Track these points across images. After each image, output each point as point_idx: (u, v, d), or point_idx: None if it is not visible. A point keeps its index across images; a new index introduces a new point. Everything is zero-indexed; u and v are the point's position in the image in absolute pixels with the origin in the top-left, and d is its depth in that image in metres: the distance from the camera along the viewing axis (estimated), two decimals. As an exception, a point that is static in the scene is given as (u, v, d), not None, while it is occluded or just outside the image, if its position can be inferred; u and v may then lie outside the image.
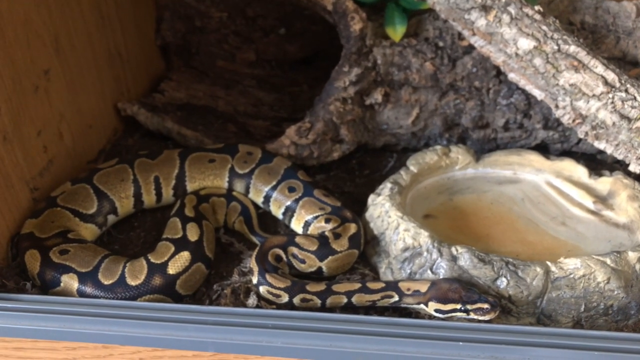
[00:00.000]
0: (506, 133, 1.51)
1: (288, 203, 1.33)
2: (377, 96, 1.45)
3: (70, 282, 1.13)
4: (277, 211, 1.35)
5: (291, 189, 1.34)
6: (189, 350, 1.00)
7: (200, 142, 1.57)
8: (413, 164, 1.37)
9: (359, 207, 1.34)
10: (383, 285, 1.10)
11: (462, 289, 1.03)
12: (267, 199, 1.36)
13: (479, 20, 1.23)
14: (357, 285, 1.10)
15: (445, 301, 1.03)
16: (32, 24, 1.30)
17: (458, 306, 1.02)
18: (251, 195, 1.39)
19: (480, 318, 1.02)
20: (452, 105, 1.47)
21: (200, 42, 1.83)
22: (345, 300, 1.10)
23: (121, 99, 1.68)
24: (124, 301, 1.11)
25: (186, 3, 1.80)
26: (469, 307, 1.02)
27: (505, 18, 1.22)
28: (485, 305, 1.01)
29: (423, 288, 1.06)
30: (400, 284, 1.09)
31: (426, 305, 1.06)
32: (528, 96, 1.44)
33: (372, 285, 1.10)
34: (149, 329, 1.00)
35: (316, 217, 1.28)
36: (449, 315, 1.04)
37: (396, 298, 1.08)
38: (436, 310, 1.05)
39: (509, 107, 1.46)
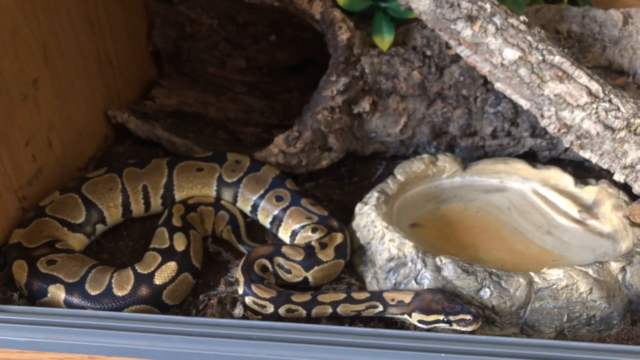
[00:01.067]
0: (494, 141, 1.52)
1: (275, 212, 1.33)
2: (365, 105, 1.45)
3: (57, 292, 1.14)
4: (265, 220, 1.36)
5: (279, 198, 1.35)
6: (174, 361, 1.01)
7: (190, 149, 1.57)
8: (400, 173, 1.38)
9: (348, 215, 1.35)
10: (368, 295, 1.10)
11: (445, 300, 1.04)
12: (255, 207, 1.37)
13: (465, 30, 1.24)
14: (342, 296, 1.11)
15: (428, 312, 1.04)
16: (20, 33, 1.30)
17: (441, 317, 1.03)
18: (239, 204, 1.39)
19: (463, 329, 1.02)
20: (440, 114, 1.48)
21: (191, 48, 1.84)
22: (330, 310, 1.11)
23: (112, 106, 1.69)
24: (110, 312, 1.11)
25: (177, 10, 1.81)
26: (451, 318, 1.02)
27: (491, 28, 1.23)
28: (468, 317, 1.02)
29: (407, 299, 1.07)
30: (385, 294, 1.10)
31: (410, 315, 1.06)
32: (515, 104, 1.45)
33: (357, 295, 1.11)
34: (135, 340, 1.00)
35: (303, 227, 1.28)
36: (432, 326, 1.05)
37: (381, 308, 1.09)
38: (419, 321, 1.05)
39: (497, 115, 1.47)
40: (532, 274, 1.08)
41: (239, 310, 1.13)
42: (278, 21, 1.82)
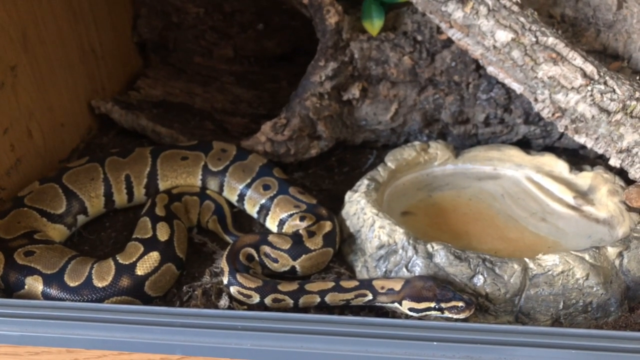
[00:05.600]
0: (487, 128, 1.48)
1: (263, 201, 1.30)
2: (355, 91, 1.42)
3: (34, 284, 1.10)
4: (252, 209, 1.32)
5: (266, 187, 1.31)
6: (156, 353, 0.97)
7: (175, 139, 1.53)
8: (391, 160, 1.34)
9: (338, 205, 1.31)
10: (357, 283, 1.07)
11: (437, 287, 1.00)
12: (241, 197, 1.33)
13: (456, 12, 1.21)
14: (331, 284, 1.07)
15: (419, 299, 1.00)
16: (-3, 18, 1.26)
17: (432, 304, 0.99)
18: (225, 193, 1.35)
19: (455, 316, 0.99)
20: (432, 100, 1.45)
21: (177, 38, 1.80)
22: (318, 299, 1.07)
23: (96, 97, 1.64)
24: (89, 303, 1.07)
25: (163, -1, 1.77)
26: (443, 305, 0.99)
27: (483, 10, 1.19)
28: (460, 304, 0.98)
29: (397, 286, 1.04)
30: (374, 283, 1.06)
31: (400, 303, 1.03)
32: (508, 90, 1.42)
33: (345, 284, 1.07)
34: (114, 332, 0.96)
35: (291, 215, 1.25)
36: (423, 314, 1.01)
37: (370, 297, 1.05)
38: (410, 309, 1.02)
39: (489, 102, 1.44)
40: (526, 260, 1.05)
41: (224, 302, 1.10)
42: (266, 9, 1.78)
